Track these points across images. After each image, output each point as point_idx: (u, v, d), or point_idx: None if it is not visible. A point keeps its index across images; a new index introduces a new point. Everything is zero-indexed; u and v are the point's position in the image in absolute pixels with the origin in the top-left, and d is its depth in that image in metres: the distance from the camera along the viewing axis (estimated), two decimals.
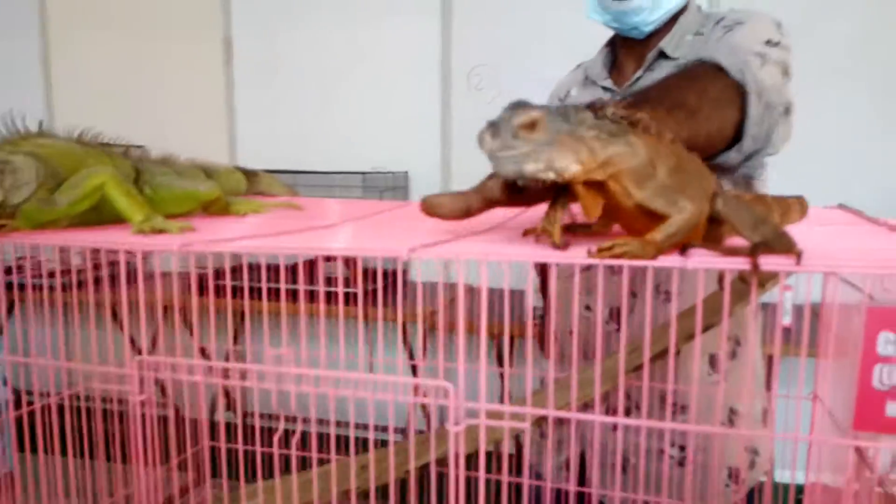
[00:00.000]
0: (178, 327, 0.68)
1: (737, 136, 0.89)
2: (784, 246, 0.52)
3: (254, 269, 2.13)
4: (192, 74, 3.37)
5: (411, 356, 2.62)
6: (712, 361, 1.09)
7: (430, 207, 0.60)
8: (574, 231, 0.63)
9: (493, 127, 0.50)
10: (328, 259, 2.28)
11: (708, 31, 1.08)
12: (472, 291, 0.87)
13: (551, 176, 0.50)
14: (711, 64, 0.89)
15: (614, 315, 1.11)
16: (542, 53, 2.84)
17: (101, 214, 0.74)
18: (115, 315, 2.30)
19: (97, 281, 1.11)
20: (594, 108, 0.52)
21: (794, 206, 0.71)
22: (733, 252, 0.53)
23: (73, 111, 3.46)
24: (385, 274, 2.43)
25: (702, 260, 0.52)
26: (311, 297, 2.35)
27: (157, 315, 0.94)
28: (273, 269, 2.07)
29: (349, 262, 2.17)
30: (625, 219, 0.58)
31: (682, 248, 0.54)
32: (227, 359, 0.86)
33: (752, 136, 0.89)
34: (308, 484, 0.65)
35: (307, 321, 0.71)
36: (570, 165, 0.50)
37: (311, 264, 2.28)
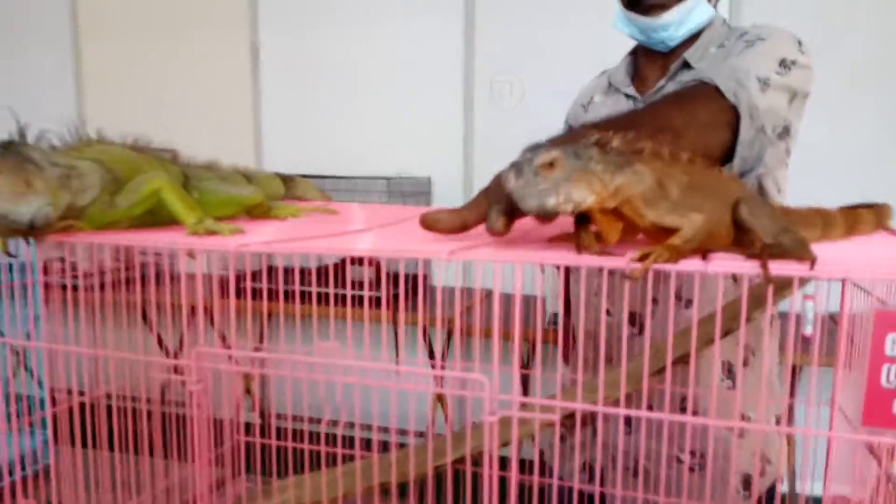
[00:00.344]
0: (232, 326, 0.73)
1: (730, 156, 0.92)
2: (798, 252, 0.56)
3: (288, 271, 2.18)
4: (220, 79, 3.44)
5: (435, 356, 2.66)
6: (726, 368, 1.11)
7: (428, 223, 0.65)
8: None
9: (517, 167, 0.56)
10: (363, 262, 2.39)
11: (731, 44, 1.10)
12: (490, 297, 0.91)
13: (570, 208, 0.56)
14: (710, 86, 0.91)
15: (635, 320, 1.15)
16: (564, 63, 2.87)
17: (155, 217, 0.79)
18: (145, 315, 2.37)
19: (128, 282, 1.17)
20: (599, 144, 0.58)
21: (866, 216, 0.76)
22: (753, 257, 0.57)
23: (103, 116, 3.54)
24: (407, 278, 2.48)
25: (721, 264, 0.56)
26: (343, 300, 2.43)
27: (196, 314, 0.99)
28: (305, 272, 2.12)
29: (374, 264, 2.25)
30: (643, 233, 0.62)
31: (704, 255, 0.58)
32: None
33: (743, 158, 0.92)
34: (352, 476, 0.69)
35: (337, 322, 0.75)
36: (586, 197, 0.56)
37: (340, 267, 2.35)
